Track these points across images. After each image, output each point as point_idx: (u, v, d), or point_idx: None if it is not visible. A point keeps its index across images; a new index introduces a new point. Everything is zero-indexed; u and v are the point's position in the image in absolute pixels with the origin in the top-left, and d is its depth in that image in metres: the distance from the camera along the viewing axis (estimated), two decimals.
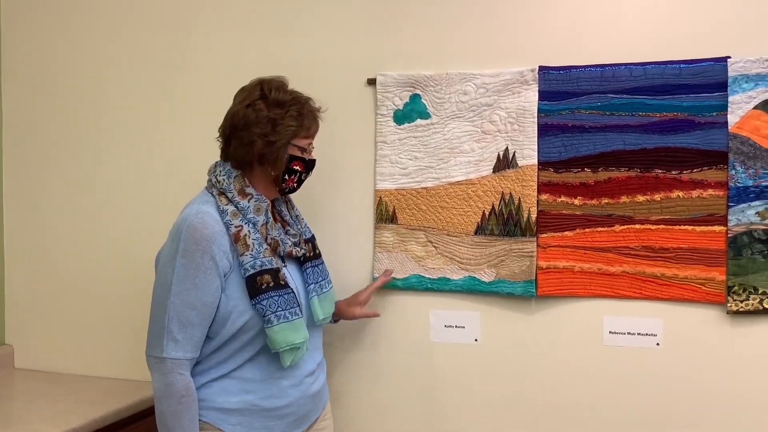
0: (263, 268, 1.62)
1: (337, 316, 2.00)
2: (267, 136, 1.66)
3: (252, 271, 1.61)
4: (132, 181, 2.29)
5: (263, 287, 1.61)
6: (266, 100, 1.68)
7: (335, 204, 2.11)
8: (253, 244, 1.63)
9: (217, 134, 1.75)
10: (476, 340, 2.02)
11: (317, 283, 1.78)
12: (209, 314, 1.61)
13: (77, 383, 2.24)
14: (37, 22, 2.39)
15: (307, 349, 1.70)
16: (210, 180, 1.72)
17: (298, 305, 1.66)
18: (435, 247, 2.03)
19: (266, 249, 1.65)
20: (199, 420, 1.62)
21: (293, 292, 1.66)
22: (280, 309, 1.61)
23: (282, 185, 1.72)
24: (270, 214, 1.70)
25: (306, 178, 1.77)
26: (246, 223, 1.64)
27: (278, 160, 1.68)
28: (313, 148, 1.78)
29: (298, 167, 1.72)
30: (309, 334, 1.73)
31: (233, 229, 1.63)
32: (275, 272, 1.63)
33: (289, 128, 1.67)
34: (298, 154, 1.71)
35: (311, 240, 1.83)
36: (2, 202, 2.45)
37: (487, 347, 2.02)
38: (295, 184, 1.75)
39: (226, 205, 1.66)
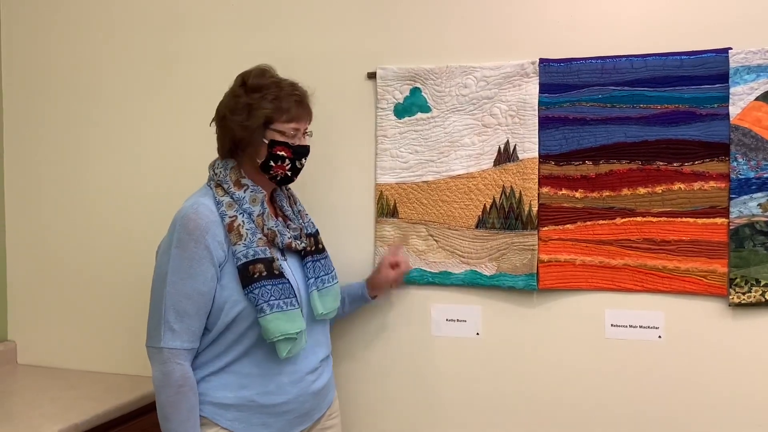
0: (256, 257, 1.61)
1: (375, 292, 1.97)
2: (243, 122, 1.67)
3: (244, 260, 1.61)
4: (133, 176, 2.29)
5: (255, 276, 1.60)
6: (245, 87, 1.70)
7: (336, 198, 2.10)
8: (246, 233, 1.63)
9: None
10: (478, 333, 2.02)
11: (318, 277, 1.76)
12: (205, 304, 1.61)
13: (79, 379, 2.25)
14: (36, 20, 2.38)
15: (305, 342, 1.68)
16: (209, 174, 1.74)
17: (295, 296, 1.65)
18: (436, 240, 2.02)
19: (260, 239, 1.64)
20: None
21: (289, 282, 1.65)
22: (273, 298, 1.60)
23: (270, 173, 1.70)
24: (267, 205, 1.70)
25: (301, 166, 1.74)
26: (241, 214, 1.65)
27: (254, 144, 1.68)
28: (306, 134, 1.75)
29: (283, 152, 1.69)
30: (310, 329, 1.73)
31: (227, 220, 1.63)
32: (269, 262, 1.63)
33: (263, 111, 1.67)
34: (280, 138, 1.68)
35: (314, 235, 1.81)
36: (3, 199, 2.45)
37: (489, 341, 2.01)
38: (288, 172, 1.71)
39: (222, 196, 1.67)
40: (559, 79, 1.91)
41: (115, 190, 2.31)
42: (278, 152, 1.68)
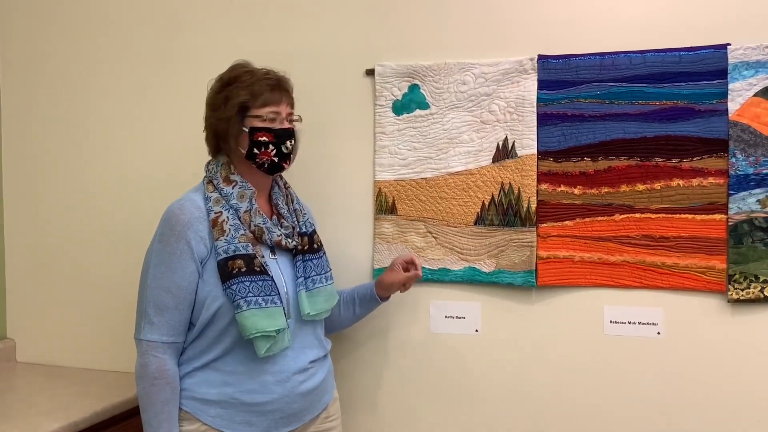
0: (236, 253, 1.62)
1: (384, 292, 1.91)
2: (220, 115, 1.69)
3: (224, 256, 1.61)
4: (131, 174, 2.29)
5: (234, 272, 1.60)
6: (221, 82, 1.73)
7: (334, 195, 2.10)
8: (229, 229, 1.63)
9: None
10: (477, 330, 2.02)
11: (309, 277, 1.74)
12: (185, 298, 1.62)
13: (78, 376, 2.25)
14: (33, 17, 2.38)
15: (288, 342, 1.66)
16: (205, 172, 1.75)
17: (278, 294, 1.64)
18: (435, 237, 2.02)
19: (243, 235, 1.64)
20: (180, 409, 1.64)
21: (272, 280, 1.64)
22: (251, 295, 1.60)
23: (256, 161, 1.69)
24: (256, 202, 1.69)
25: (287, 151, 1.70)
26: (227, 210, 1.66)
27: (236, 135, 1.68)
28: (292, 119, 1.74)
29: (264, 137, 1.68)
30: (298, 329, 1.72)
31: (212, 215, 1.64)
32: (250, 258, 1.62)
33: (237, 99, 1.67)
34: (259, 124, 1.68)
35: (309, 235, 1.80)
36: (2, 196, 2.45)
37: (488, 338, 2.01)
38: (275, 158, 1.69)
39: (212, 192, 1.68)
40: (558, 76, 1.91)
41: (114, 188, 2.31)
42: (260, 138, 1.68)
